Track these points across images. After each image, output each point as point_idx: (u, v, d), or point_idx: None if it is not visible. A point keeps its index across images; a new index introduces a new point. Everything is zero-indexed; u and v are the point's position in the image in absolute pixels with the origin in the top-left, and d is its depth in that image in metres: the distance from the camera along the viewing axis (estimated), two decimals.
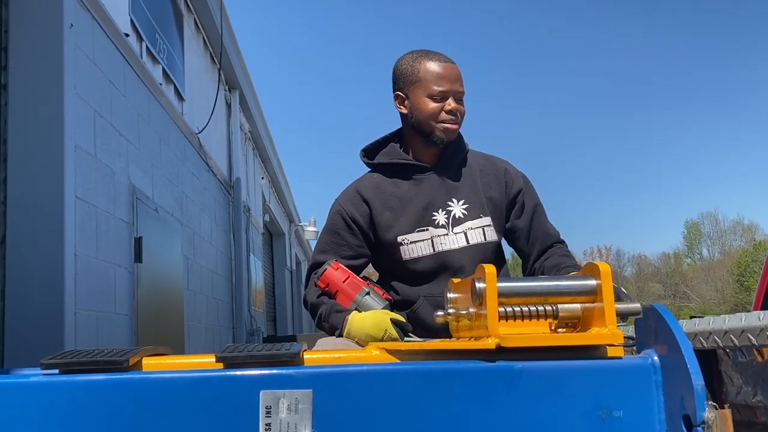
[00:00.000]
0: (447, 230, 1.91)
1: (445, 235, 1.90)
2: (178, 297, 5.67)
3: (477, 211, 1.93)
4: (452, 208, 1.93)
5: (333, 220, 1.96)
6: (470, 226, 1.91)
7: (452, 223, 1.91)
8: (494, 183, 1.98)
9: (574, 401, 1.06)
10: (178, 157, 5.96)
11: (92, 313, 3.78)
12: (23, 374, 1.11)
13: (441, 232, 1.90)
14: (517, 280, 1.20)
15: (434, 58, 1.92)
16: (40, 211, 3.42)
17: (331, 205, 2.00)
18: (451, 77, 1.90)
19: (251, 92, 9.46)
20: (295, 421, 1.04)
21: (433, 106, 1.90)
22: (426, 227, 1.90)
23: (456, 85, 1.90)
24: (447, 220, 1.91)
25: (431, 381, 1.06)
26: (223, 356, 1.09)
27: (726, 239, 53.98)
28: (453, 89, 1.90)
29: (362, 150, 2.04)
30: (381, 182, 1.97)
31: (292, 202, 15.53)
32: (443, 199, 1.93)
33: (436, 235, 1.90)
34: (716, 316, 1.25)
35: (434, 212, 1.91)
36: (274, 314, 13.03)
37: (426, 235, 1.90)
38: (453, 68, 1.91)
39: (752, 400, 1.18)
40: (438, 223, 1.91)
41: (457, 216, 1.92)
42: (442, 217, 1.91)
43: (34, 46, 3.54)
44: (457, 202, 1.93)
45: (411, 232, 1.90)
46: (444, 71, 1.90)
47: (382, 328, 1.67)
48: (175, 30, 6.14)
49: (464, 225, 1.91)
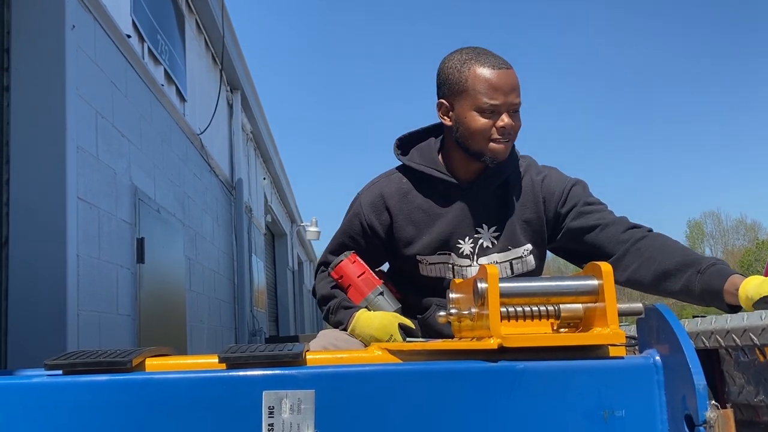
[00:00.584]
0: (471, 261, 1.72)
1: (468, 266, 1.72)
2: (181, 297, 5.68)
3: (507, 242, 1.72)
4: (481, 235, 1.73)
5: (351, 223, 1.80)
6: (496, 260, 1.72)
7: (478, 253, 1.72)
8: (532, 203, 1.74)
9: (576, 401, 1.06)
10: (180, 158, 5.97)
11: (94, 314, 3.79)
12: (27, 375, 1.12)
13: (464, 262, 1.72)
14: (519, 281, 1.20)
15: (487, 62, 1.64)
16: (43, 212, 3.43)
17: (353, 201, 1.83)
18: (505, 87, 1.62)
19: (253, 93, 9.47)
20: (297, 422, 1.04)
21: (483, 122, 1.64)
22: (449, 252, 1.73)
23: (511, 96, 1.63)
24: (472, 250, 1.72)
25: (433, 381, 1.06)
26: (226, 357, 1.10)
27: (729, 238, 53.94)
28: (507, 102, 1.62)
29: (398, 139, 1.83)
30: (409, 191, 1.77)
31: (294, 203, 15.54)
32: (472, 225, 1.73)
33: (457, 264, 1.72)
34: (718, 316, 1.25)
35: (460, 239, 1.72)
36: (276, 314, 13.05)
37: (447, 259, 1.73)
38: (509, 75, 1.63)
39: (754, 400, 1.18)
40: (462, 253, 1.72)
41: (485, 245, 1.72)
42: (468, 246, 1.72)
43: (36, 47, 3.55)
44: (488, 228, 1.73)
45: (432, 254, 1.73)
46: (498, 80, 1.62)
47: (387, 333, 1.59)
48: (177, 31, 6.14)
49: (490, 257, 1.72)
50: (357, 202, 1.81)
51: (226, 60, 7.52)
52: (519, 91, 1.65)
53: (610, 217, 1.74)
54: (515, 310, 1.16)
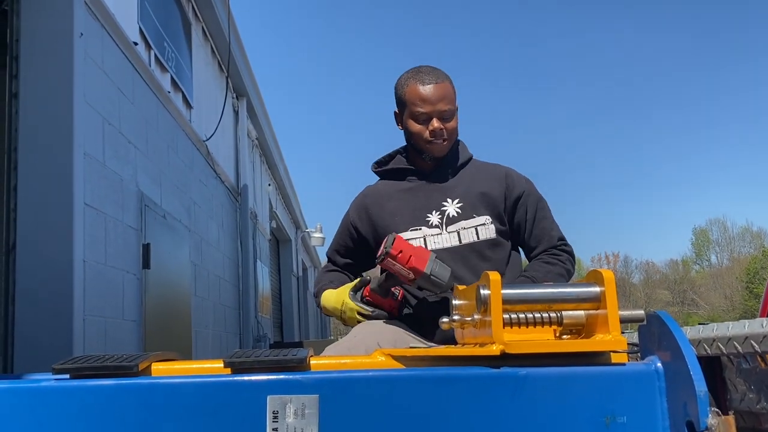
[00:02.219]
0: (440, 230, 1.97)
1: (439, 234, 1.96)
2: (186, 303, 5.70)
3: (470, 210, 1.97)
4: (446, 207, 1.99)
5: (343, 224, 2.15)
6: (463, 226, 1.96)
7: (446, 223, 1.97)
8: (494, 182, 2.02)
9: (578, 407, 1.06)
10: (186, 164, 6.00)
11: (100, 319, 3.80)
12: (35, 379, 1.13)
13: (434, 231, 1.97)
14: (522, 287, 1.21)
15: (419, 79, 1.97)
16: (50, 218, 3.45)
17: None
18: (433, 98, 1.94)
19: (259, 99, 9.51)
20: (301, 426, 1.05)
21: (418, 127, 1.98)
22: (419, 227, 1.97)
23: (439, 105, 1.94)
24: (441, 220, 1.98)
25: (436, 387, 1.07)
26: (231, 362, 1.11)
27: (734, 246, 53.71)
28: (436, 110, 1.95)
29: (374, 162, 2.16)
30: (383, 187, 2.10)
31: (299, 209, 15.57)
32: (438, 200, 2.00)
33: (429, 234, 1.96)
34: (720, 323, 1.26)
35: (428, 213, 1.98)
36: (280, 320, 13.05)
37: (419, 233, 1.97)
38: (436, 88, 1.95)
39: (756, 407, 1.18)
40: (431, 224, 1.98)
41: (451, 215, 1.98)
42: (436, 217, 1.98)
43: (45, 55, 3.58)
44: (452, 201, 1.99)
45: (405, 230, 1.97)
46: (426, 93, 1.94)
47: (340, 300, 1.93)
48: (184, 38, 6.19)
49: (458, 224, 1.96)
50: (347, 211, 2.15)
51: (232, 67, 7.56)
52: (448, 99, 1.96)
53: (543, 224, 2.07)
54: (518, 317, 1.17)
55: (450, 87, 1.99)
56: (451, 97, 1.98)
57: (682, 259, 56.93)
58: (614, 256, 57.18)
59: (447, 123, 1.97)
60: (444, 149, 2.01)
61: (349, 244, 2.12)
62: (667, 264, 57.33)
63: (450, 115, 1.98)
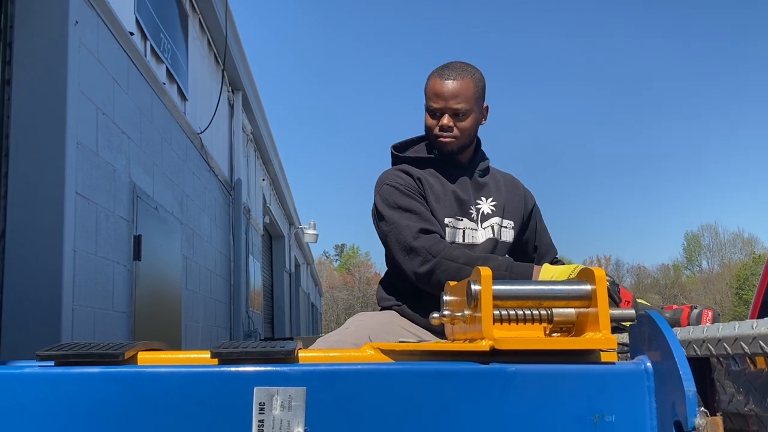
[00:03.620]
0: (476, 225, 2.00)
1: (475, 229, 1.99)
2: (176, 296, 5.68)
3: (500, 211, 2.03)
4: (481, 205, 2.03)
5: (400, 190, 1.93)
6: (496, 222, 2.02)
7: (481, 219, 2.01)
8: (516, 190, 2.12)
9: (567, 405, 1.06)
10: (180, 157, 5.97)
11: (90, 310, 3.78)
12: (18, 365, 1.12)
13: (472, 225, 2.00)
14: (513, 284, 1.21)
15: (438, 74, 1.97)
16: (41, 207, 3.43)
17: (380, 192, 1.97)
18: (446, 94, 1.94)
19: (254, 94, 9.48)
20: (288, 418, 1.04)
21: (430, 121, 1.99)
22: (462, 218, 1.99)
23: (451, 102, 1.94)
24: (477, 216, 2.01)
25: (424, 381, 1.06)
26: (218, 352, 1.09)
27: (726, 252, 54.00)
28: (447, 106, 1.94)
29: (393, 146, 2.10)
30: (420, 170, 2.00)
31: (293, 205, 15.54)
32: (475, 196, 2.03)
33: (468, 227, 1.99)
34: (710, 325, 1.25)
35: (470, 207, 2.01)
36: (272, 316, 13.03)
37: (461, 224, 1.99)
38: (452, 85, 1.94)
39: (744, 409, 1.18)
40: (473, 217, 2.01)
41: (485, 212, 2.02)
42: (475, 212, 2.01)
43: (39, 42, 3.56)
44: (486, 200, 2.04)
45: (450, 217, 1.97)
46: (440, 88, 1.94)
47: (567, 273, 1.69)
48: (180, 30, 6.16)
49: (491, 221, 2.01)
50: (385, 186, 1.96)
51: (229, 60, 7.54)
52: (462, 98, 1.94)
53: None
54: (508, 313, 1.16)
55: (470, 86, 1.96)
56: (468, 96, 1.95)
57: (674, 264, 57.24)
58: (606, 259, 57.41)
59: (459, 122, 1.96)
60: (451, 146, 1.99)
61: (424, 204, 1.94)
62: (658, 268, 57.61)
63: (465, 113, 1.96)
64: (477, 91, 1.97)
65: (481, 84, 2.00)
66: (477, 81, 1.98)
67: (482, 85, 2.00)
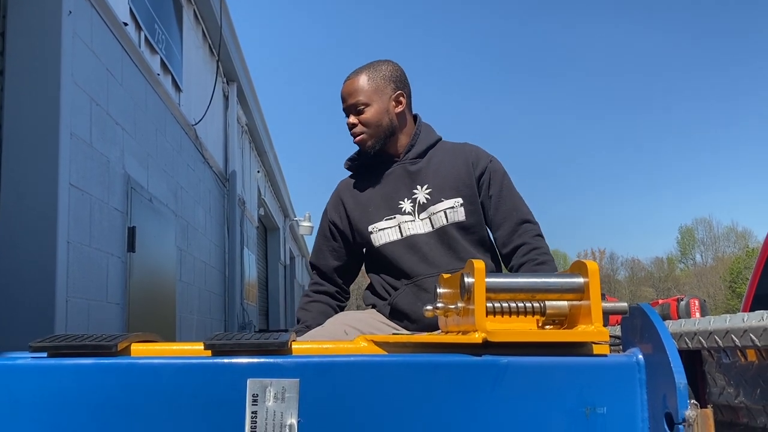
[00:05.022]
0: (413, 216, 2.00)
1: (412, 221, 2.00)
2: (171, 288, 5.67)
3: (438, 194, 1.99)
4: (417, 194, 2.02)
5: (321, 225, 2.19)
6: (432, 211, 1.99)
7: (418, 210, 2.00)
8: (460, 162, 2.04)
9: (559, 397, 1.06)
10: (174, 148, 5.95)
11: (84, 301, 3.78)
12: (11, 356, 1.12)
13: (408, 218, 2.00)
14: (506, 276, 1.21)
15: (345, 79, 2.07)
16: (34, 198, 3.42)
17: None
18: (344, 95, 2.05)
19: (249, 85, 9.45)
20: (281, 410, 1.04)
21: (347, 122, 2.08)
22: (393, 215, 2.01)
23: (348, 100, 2.03)
24: (413, 207, 2.01)
25: (417, 373, 1.07)
26: (212, 344, 1.10)
27: (719, 245, 54.22)
28: (346, 106, 2.04)
29: (347, 159, 2.19)
30: (356, 183, 2.13)
31: (288, 197, 15.51)
32: (408, 188, 2.03)
33: (403, 222, 2.00)
34: (702, 318, 1.26)
35: (400, 201, 2.02)
36: (266, 308, 13.03)
37: (393, 222, 2.01)
38: (347, 85, 2.04)
39: (735, 401, 1.19)
40: (404, 210, 2.01)
41: (421, 202, 2.00)
42: (408, 204, 2.01)
43: (33, 32, 3.53)
44: (421, 188, 2.02)
45: (380, 220, 2.01)
46: (342, 91, 2.06)
47: None
48: (175, 21, 6.12)
49: (428, 210, 1.99)
50: (324, 212, 2.18)
51: (223, 51, 7.50)
52: (358, 92, 2.01)
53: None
54: (501, 306, 1.16)
55: (364, 79, 2.01)
56: (362, 89, 2.01)
57: (668, 257, 57.46)
58: (600, 252, 57.60)
59: (361, 116, 2.02)
60: (365, 142, 2.04)
61: (333, 245, 2.13)
62: (652, 261, 57.85)
63: (364, 105, 2.01)
64: (375, 82, 2.01)
65: (382, 74, 2.03)
66: (374, 72, 2.02)
67: (385, 75, 2.03)
